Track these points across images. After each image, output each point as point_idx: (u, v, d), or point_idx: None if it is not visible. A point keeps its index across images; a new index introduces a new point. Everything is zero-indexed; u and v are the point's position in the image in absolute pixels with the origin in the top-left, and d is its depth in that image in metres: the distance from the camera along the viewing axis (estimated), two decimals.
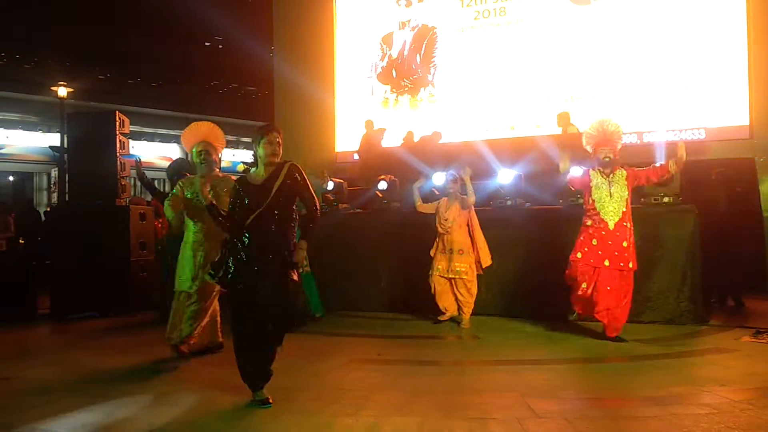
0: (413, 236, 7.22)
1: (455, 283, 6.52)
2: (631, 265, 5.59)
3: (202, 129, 5.24)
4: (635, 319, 6.21)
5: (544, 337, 6.00)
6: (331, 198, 8.36)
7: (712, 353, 5.25)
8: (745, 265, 7.54)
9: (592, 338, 5.82)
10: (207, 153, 5.17)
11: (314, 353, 5.47)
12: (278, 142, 3.97)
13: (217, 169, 5.25)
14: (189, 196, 5.13)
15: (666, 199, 6.63)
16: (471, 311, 6.55)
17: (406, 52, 11.93)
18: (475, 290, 6.54)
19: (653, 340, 5.72)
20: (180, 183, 5.22)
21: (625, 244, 5.59)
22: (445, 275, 6.52)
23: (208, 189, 4.23)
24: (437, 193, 7.19)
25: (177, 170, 7.33)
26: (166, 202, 5.21)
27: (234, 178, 4.79)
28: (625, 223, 5.62)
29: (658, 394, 4.07)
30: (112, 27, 21.22)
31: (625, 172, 5.71)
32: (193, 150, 5.17)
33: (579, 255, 5.73)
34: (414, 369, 4.83)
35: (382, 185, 7.92)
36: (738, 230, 7.43)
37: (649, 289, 6.41)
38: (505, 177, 7.50)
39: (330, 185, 8.40)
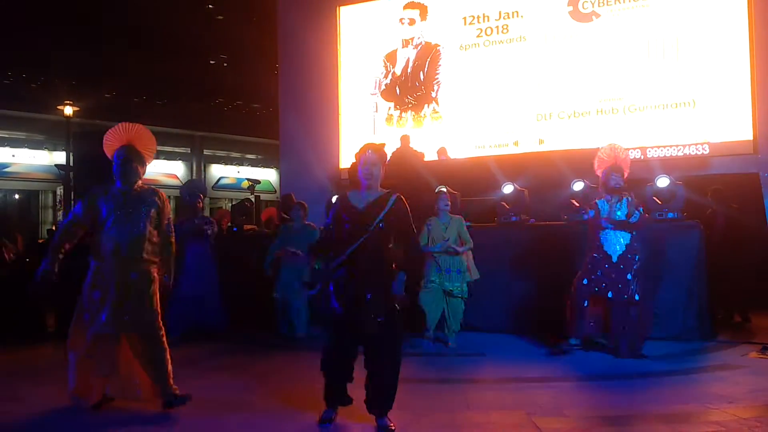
0: None
1: (452, 301, 6.35)
2: (636, 297, 5.53)
3: (129, 131, 4.36)
4: None
5: (550, 355, 5.97)
6: None
7: (719, 370, 5.22)
8: (751, 281, 7.51)
9: (598, 355, 5.79)
10: (127, 160, 4.26)
11: (319, 372, 5.45)
12: (373, 162, 3.78)
13: (140, 181, 4.34)
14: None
15: (670, 215, 6.63)
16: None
17: (409, 70, 12.00)
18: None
19: (660, 356, 5.68)
20: (89, 198, 4.25)
21: (629, 276, 5.54)
22: (441, 287, 6.27)
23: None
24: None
25: (191, 190, 7.41)
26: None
27: (160, 190, 4.41)
28: (629, 255, 5.57)
29: (666, 412, 4.05)
30: (117, 46, 21.41)
31: (630, 198, 5.66)
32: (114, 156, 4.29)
33: (585, 281, 5.70)
34: (419, 387, 4.81)
35: None
36: (739, 246, 7.40)
37: (655, 305, 6.37)
38: (506, 191, 7.50)
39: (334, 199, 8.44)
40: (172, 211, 4.52)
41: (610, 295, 5.57)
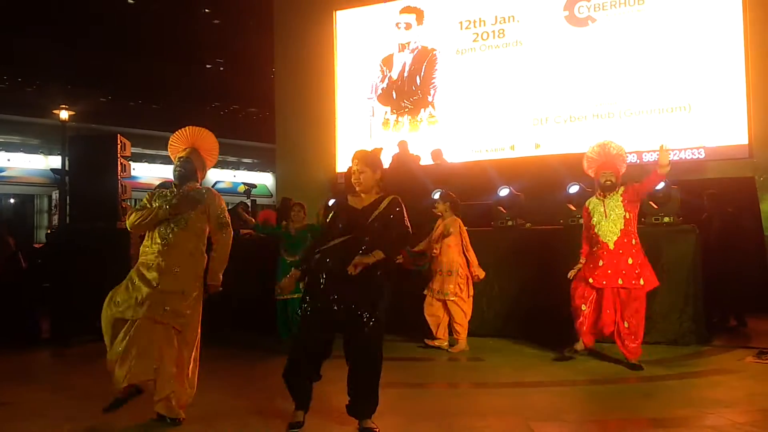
0: None
1: (448, 306, 6.38)
2: (642, 282, 5.43)
3: (194, 135, 4.49)
4: None
5: (547, 359, 5.95)
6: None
7: (715, 374, 5.21)
8: (747, 285, 7.52)
9: (595, 360, 5.78)
10: (187, 161, 4.32)
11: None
12: (357, 170, 3.87)
13: (197, 184, 4.39)
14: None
15: (666, 219, 6.63)
16: (466, 335, 6.43)
17: (406, 74, 12.00)
18: (469, 311, 6.42)
19: (656, 361, 5.68)
20: (148, 194, 4.32)
21: (630, 261, 5.43)
22: (437, 296, 6.37)
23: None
24: None
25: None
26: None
27: (212, 189, 4.45)
28: (625, 240, 5.46)
29: (662, 416, 4.05)
30: (113, 49, 21.41)
31: (621, 188, 5.61)
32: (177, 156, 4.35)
33: (574, 279, 5.66)
34: (414, 392, 4.79)
35: None
36: (735, 250, 7.41)
37: (651, 309, 6.35)
38: (503, 194, 7.51)
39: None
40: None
41: (620, 281, 5.41)
